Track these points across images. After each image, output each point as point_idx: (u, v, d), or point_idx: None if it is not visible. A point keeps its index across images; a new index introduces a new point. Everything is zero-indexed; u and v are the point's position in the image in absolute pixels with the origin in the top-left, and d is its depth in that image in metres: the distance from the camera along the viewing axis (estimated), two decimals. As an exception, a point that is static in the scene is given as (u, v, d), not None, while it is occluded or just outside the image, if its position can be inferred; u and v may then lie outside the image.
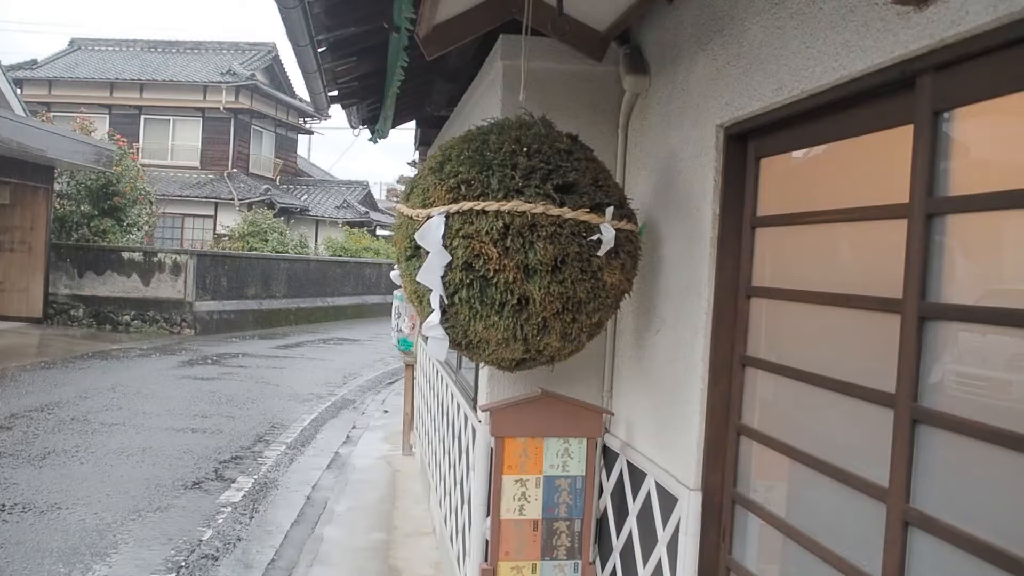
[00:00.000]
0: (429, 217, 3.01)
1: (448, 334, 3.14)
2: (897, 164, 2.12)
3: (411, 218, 3.12)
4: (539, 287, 2.96)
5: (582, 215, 3.00)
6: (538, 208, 2.94)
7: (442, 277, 2.98)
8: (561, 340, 3.16)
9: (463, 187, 3.00)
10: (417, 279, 3.01)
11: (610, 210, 3.03)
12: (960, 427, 1.90)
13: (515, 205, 2.94)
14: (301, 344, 21.64)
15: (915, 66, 1.99)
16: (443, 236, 2.97)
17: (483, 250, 2.93)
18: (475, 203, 2.96)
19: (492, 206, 2.94)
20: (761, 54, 2.66)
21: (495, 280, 2.96)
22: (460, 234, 2.94)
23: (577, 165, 3.12)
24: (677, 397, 3.23)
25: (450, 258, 2.96)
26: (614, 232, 3.05)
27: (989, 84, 1.83)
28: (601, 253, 3.01)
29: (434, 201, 3.03)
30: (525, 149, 3.07)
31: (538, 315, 3.02)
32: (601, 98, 4.05)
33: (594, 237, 3.01)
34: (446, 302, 3.02)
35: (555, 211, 2.96)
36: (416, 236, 3.02)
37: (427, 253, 3.00)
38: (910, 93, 2.06)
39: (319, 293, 29.37)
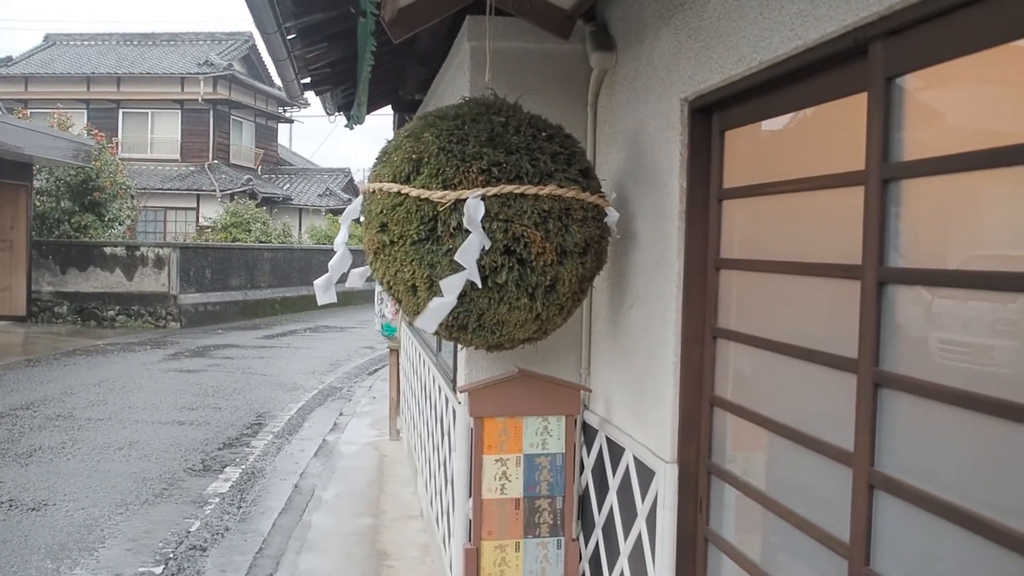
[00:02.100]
0: (459, 200, 2.95)
1: (454, 319, 3.09)
2: (855, 132, 2.13)
3: (426, 200, 2.99)
4: (568, 269, 3.09)
5: (599, 200, 3.18)
6: (570, 192, 3.06)
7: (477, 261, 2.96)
8: (565, 318, 3.33)
9: (495, 169, 3.00)
10: (457, 258, 2.92)
11: (613, 195, 3.14)
12: (921, 390, 1.92)
13: (552, 190, 3.04)
14: (287, 333, 21.63)
15: (867, 33, 2.00)
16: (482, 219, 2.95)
17: (524, 233, 2.99)
18: (515, 187, 3.00)
19: (531, 190, 3.01)
20: (721, 26, 2.67)
21: (536, 263, 3.02)
22: (499, 217, 2.96)
23: (578, 148, 3.28)
24: (651, 371, 3.25)
25: (490, 241, 2.96)
26: (617, 215, 3.29)
27: (938, 48, 1.85)
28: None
29: (459, 183, 2.97)
30: (544, 133, 3.17)
31: (563, 296, 3.16)
32: (570, 76, 4.05)
33: (606, 220, 3.24)
34: (479, 286, 2.98)
35: (582, 196, 3.10)
36: (465, 220, 2.93)
37: (450, 235, 2.96)
38: (863, 60, 2.07)
39: (304, 282, 29.29)
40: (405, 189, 3.03)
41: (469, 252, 2.91)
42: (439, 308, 3.02)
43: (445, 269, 2.97)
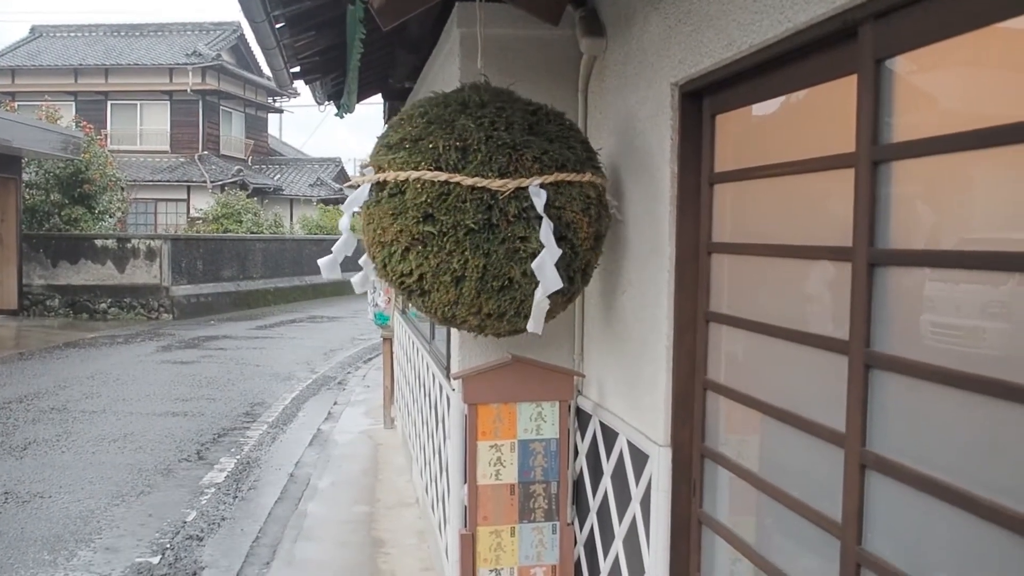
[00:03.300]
0: (519, 188, 2.99)
1: (496, 307, 3.11)
2: (845, 114, 2.14)
3: (483, 188, 2.97)
4: (597, 254, 3.26)
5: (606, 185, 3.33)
6: (599, 179, 3.21)
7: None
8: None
9: (545, 157, 3.07)
10: (534, 266, 2.97)
11: (607, 181, 3.35)
12: (912, 370, 1.94)
13: (589, 177, 3.15)
14: (280, 324, 21.61)
15: (856, 15, 2.01)
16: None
17: (574, 219, 3.08)
18: (565, 174, 3.07)
19: (576, 177, 3.11)
20: (711, 10, 2.67)
21: (580, 249, 3.14)
22: (554, 204, 3.03)
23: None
24: (644, 356, 3.26)
25: (559, 251, 3.01)
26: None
27: (927, 30, 1.86)
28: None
29: (513, 171, 3.00)
30: (568, 122, 3.29)
31: (589, 280, 3.32)
32: (560, 62, 4.05)
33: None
34: (561, 285, 3.03)
35: (605, 183, 3.27)
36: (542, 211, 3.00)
37: (507, 223, 3.00)
38: (853, 42, 2.08)
39: (296, 272, 29.28)
40: (456, 178, 2.98)
41: (549, 238, 2.99)
42: (542, 305, 3.08)
43: (500, 259, 3.00)
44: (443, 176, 2.98)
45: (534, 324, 3.13)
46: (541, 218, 2.99)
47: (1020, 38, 1.68)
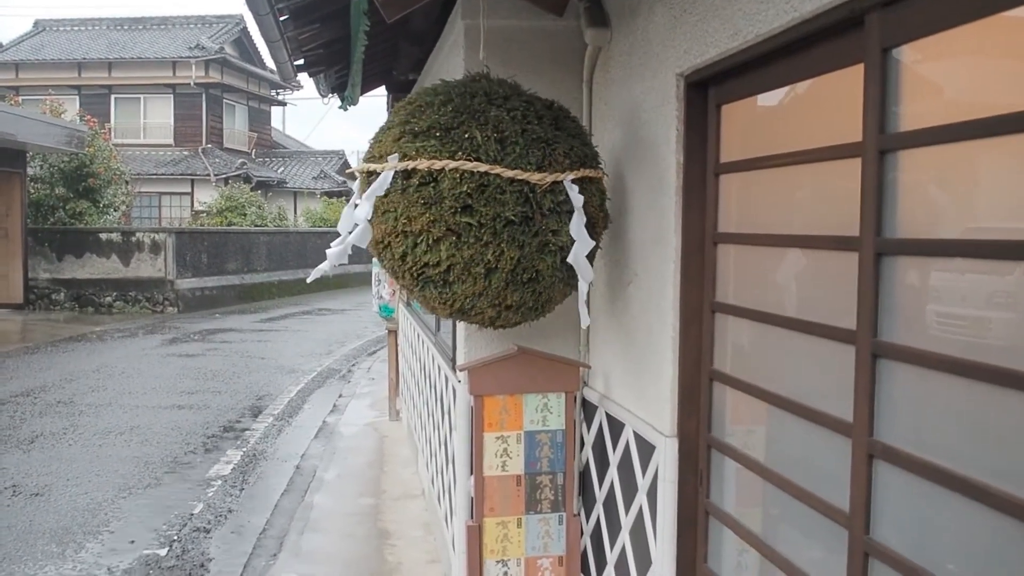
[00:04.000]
0: (555, 181, 3.07)
1: (519, 299, 3.16)
2: (851, 104, 2.14)
3: (523, 181, 3.02)
4: (597, 245, 3.32)
5: None
6: (604, 175, 3.34)
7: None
8: None
9: (573, 153, 3.16)
10: (570, 260, 3.10)
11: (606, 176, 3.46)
12: (919, 360, 1.94)
13: (600, 173, 3.29)
14: (285, 316, 21.64)
15: (863, 4, 2.00)
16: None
17: (593, 215, 3.21)
18: (588, 171, 3.18)
19: (596, 174, 3.25)
20: (716, 0, 2.67)
21: (597, 241, 3.28)
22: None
23: None
24: (650, 347, 3.27)
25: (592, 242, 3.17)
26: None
27: (934, 18, 1.85)
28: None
29: (548, 165, 3.07)
30: (576, 118, 3.37)
31: None
32: (564, 53, 4.04)
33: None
34: (591, 278, 3.22)
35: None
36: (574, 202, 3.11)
37: (542, 216, 3.06)
38: (859, 31, 2.07)
39: (301, 265, 29.29)
40: (496, 169, 2.98)
41: (582, 248, 3.10)
42: (585, 297, 3.30)
43: (532, 251, 3.04)
44: (484, 167, 2.98)
45: (585, 318, 3.40)
46: (571, 212, 3.07)
47: (1028, 26, 1.68)
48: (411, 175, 3.02)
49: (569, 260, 3.07)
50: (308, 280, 3.68)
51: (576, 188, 3.09)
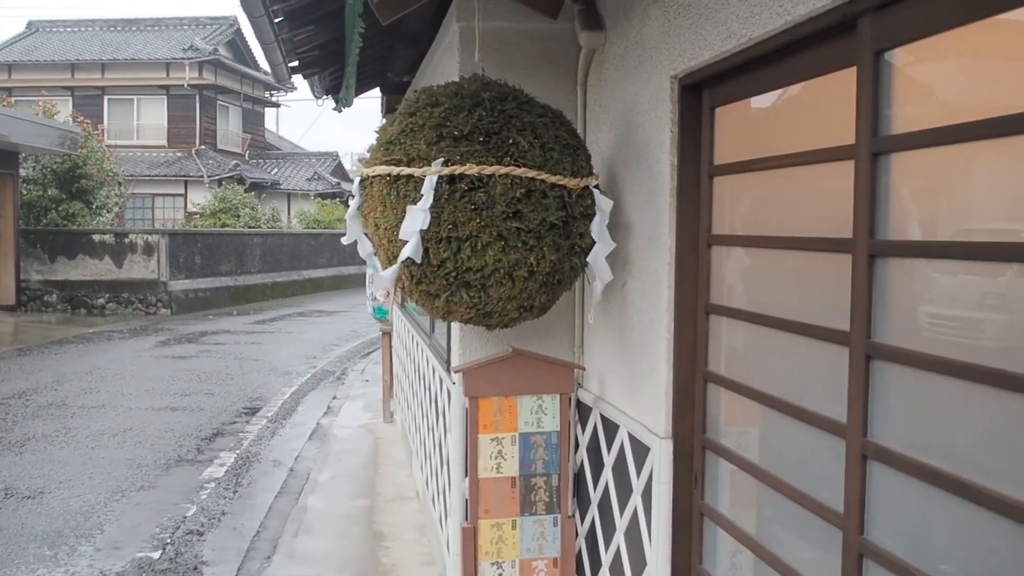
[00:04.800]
0: (585, 186, 3.23)
1: (528, 299, 3.22)
2: (844, 106, 2.15)
3: (562, 186, 3.11)
4: None
5: None
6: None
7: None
8: None
9: (591, 159, 3.35)
10: (590, 260, 3.27)
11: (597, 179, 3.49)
12: (913, 361, 1.95)
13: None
14: (278, 318, 21.61)
15: (855, 8, 2.02)
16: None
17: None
18: (595, 178, 3.33)
19: (598, 180, 3.36)
20: (710, 3, 2.68)
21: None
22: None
23: None
24: (645, 348, 3.27)
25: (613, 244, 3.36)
26: None
27: (926, 22, 1.86)
28: None
29: (577, 170, 3.20)
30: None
31: None
32: (559, 56, 4.05)
33: None
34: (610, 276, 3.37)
35: None
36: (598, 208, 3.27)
37: (575, 221, 3.19)
38: (852, 35, 2.08)
39: (294, 266, 29.27)
40: (542, 175, 3.04)
41: (603, 249, 3.28)
42: (599, 296, 3.47)
43: (564, 254, 3.16)
44: (531, 172, 3.02)
45: (593, 317, 3.66)
46: (592, 216, 3.23)
47: (1018, 29, 1.69)
48: (457, 180, 2.99)
49: (589, 260, 3.23)
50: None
51: (599, 192, 3.27)
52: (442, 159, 2.99)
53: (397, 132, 3.16)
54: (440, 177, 2.98)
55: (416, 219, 3.00)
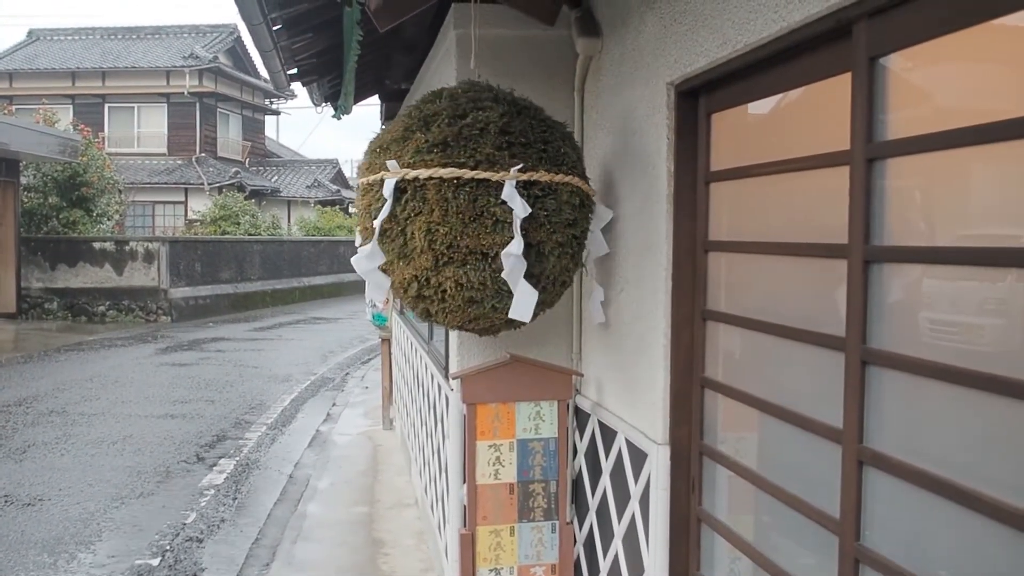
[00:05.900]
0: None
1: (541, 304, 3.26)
2: (839, 112, 2.15)
3: (587, 195, 3.27)
4: None
5: None
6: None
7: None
8: None
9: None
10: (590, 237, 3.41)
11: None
12: (908, 366, 1.95)
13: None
14: (278, 325, 21.59)
15: (850, 14, 2.02)
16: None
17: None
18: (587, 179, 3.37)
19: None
20: (705, 9, 2.68)
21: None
22: None
23: None
24: (642, 354, 3.27)
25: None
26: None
27: (921, 28, 1.87)
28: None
29: (583, 177, 3.29)
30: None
31: None
32: (556, 62, 4.06)
33: None
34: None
35: None
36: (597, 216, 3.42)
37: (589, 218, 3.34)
38: (847, 41, 2.09)
39: (294, 274, 29.27)
40: (576, 181, 3.19)
41: (595, 248, 3.51)
42: (601, 297, 3.66)
43: (578, 256, 3.33)
44: (577, 181, 3.20)
45: (599, 316, 3.72)
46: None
47: (1013, 34, 1.69)
48: (531, 186, 3.03)
49: (584, 261, 3.42)
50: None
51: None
52: (519, 164, 2.99)
53: (454, 134, 2.99)
54: (517, 184, 2.98)
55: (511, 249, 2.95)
